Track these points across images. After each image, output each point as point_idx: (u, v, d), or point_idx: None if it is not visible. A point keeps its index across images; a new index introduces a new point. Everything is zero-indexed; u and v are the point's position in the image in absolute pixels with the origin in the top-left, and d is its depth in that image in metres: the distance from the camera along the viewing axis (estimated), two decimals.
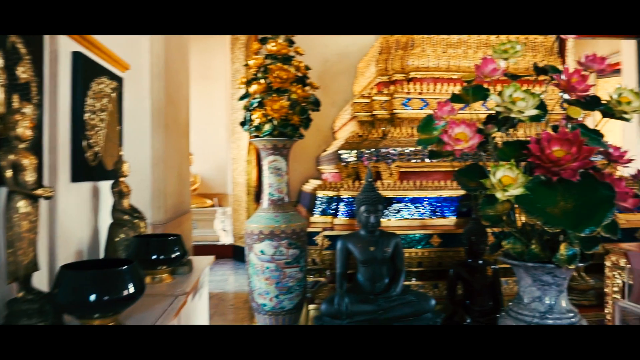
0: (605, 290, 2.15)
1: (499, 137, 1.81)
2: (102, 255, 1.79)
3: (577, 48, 6.41)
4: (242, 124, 3.32)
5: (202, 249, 5.50)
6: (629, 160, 1.72)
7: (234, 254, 6.64)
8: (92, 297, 1.07)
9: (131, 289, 1.11)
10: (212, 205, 8.03)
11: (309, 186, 5.08)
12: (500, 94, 1.65)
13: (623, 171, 2.13)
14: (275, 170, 3.18)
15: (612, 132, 5.98)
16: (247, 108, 3.19)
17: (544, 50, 4.65)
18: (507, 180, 1.53)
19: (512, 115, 1.61)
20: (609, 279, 2.13)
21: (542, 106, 1.68)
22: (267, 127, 3.07)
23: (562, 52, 5.98)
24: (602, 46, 7.02)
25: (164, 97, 3.71)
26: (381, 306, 2.74)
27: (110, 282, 1.08)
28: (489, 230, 3.21)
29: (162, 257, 1.56)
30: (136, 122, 3.32)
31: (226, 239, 7.53)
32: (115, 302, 1.08)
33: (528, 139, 1.65)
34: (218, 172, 8.80)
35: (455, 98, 1.92)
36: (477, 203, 3.37)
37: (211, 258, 2.01)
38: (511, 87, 1.64)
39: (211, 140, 8.51)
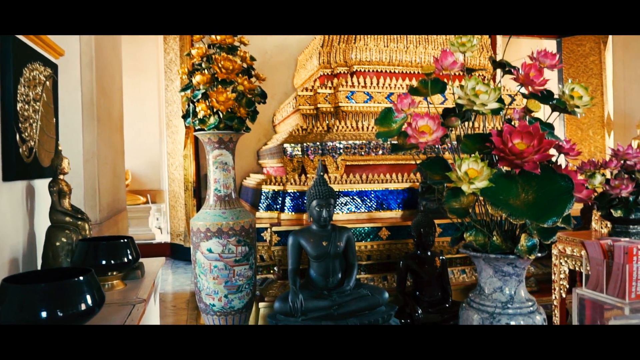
0: (552, 277, 2.25)
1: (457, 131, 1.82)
2: (39, 263, 1.61)
3: (503, 47, 6.73)
4: (185, 116, 3.15)
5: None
6: (579, 153, 1.79)
7: (171, 252, 6.37)
8: (44, 314, 0.93)
9: (89, 301, 0.98)
10: (146, 202, 7.67)
11: (251, 181, 4.96)
12: (462, 87, 1.65)
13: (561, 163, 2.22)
14: (221, 165, 3.06)
15: None
16: (191, 100, 3.03)
17: (479, 46, 4.82)
18: (472, 173, 1.54)
19: (475, 108, 1.62)
20: (555, 266, 2.23)
21: (500, 100, 1.70)
22: (212, 120, 2.93)
23: (494, 50, 6.26)
24: (524, 45, 7.41)
25: (96, 88, 3.45)
26: (336, 301, 2.71)
27: (65, 296, 0.94)
28: (437, 222, 3.29)
29: (112, 262, 1.42)
30: (66, 115, 3.05)
31: (162, 237, 7.23)
32: (71, 318, 0.94)
33: (488, 132, 1.67)
34: (151, 168, 8.41)
35: (413, 91, 1.90)
36: (424, 196, 3.44)
37: (162, 260, 1.87)
38: (472, 80, 1.65)
39: (143, 135, 8.12)
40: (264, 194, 3.87)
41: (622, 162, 2.03)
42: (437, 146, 1.84)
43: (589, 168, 2.01)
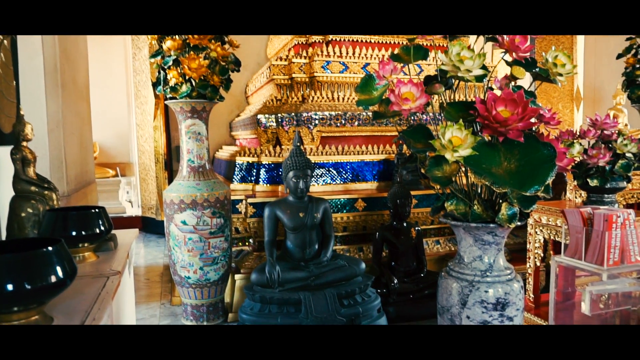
0: (527, 246, 2.28)
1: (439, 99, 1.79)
2: (4, 235, 1.52)
3: None
4: (155, 84, 3.02)
5: None
6: (559, 122, 1.79)
7: (143, 225, 6.25)
8: (10, 287, 0.86)
9: (60, 273, 0.91)
10: (115, 175, 7.46)
11: (224, 153, 4.86)
12: (446, 52, 1.61)
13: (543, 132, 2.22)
14: (194, 135, 2.97)
15: None
16: (161, 67, 2.90)
17: None
18: (456, 140, 1.51)
19: (460, 74, 1.58)
20: (531, 235, 2.26)
21: (484, 67, 1.67)
22: (184, 88, 2.82)
23: None
24: None
25: (59, 52, 3.27)
26: (313, 272, 2.70)
27: (33, 267, 0.87)
28: (413, 193, 3.29)
29: (83, 233, 1.35)
30: (27, 81, 2.88)
31: (133, 211, 7.07)
32: (41, 291, 0.87)
33: (472, 99, 1.64)
34: (119, 140, 8.16)
35: (395, 57, 1.85)
36: (401, 168, 3.43)
37: (135, 231, 1.80)
38: (457, 45, 1.61)
39: (110, 105, 7.84)
40: (238, 165, 3.79)
41: (599, 132, 2.05)
42: (418, 115, 1.81)
43: (568, 138, 2.02)
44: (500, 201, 1.66)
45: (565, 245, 1.62)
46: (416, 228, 3.21)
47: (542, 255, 2.23)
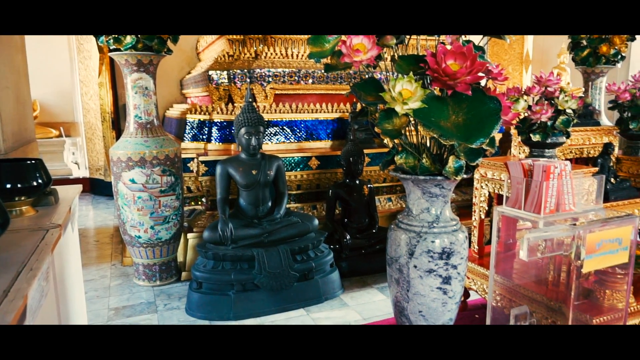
0: (473, 200, 2.36)
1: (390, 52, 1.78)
2: None
3: None
4: (97, 34, 2.86)
5: (53, 185, 4.85)
6: (506, 78, 1.82)
7: (91, 187, 6.04)
8: None
9: None
10: (59, 136, 7.11)
11: (174, 111, 4.71)
12: None
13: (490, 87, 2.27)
14: (141, 90, 2.85)
15: None
16: None
17: None
18: (406, 93, 1.52)
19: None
20: (477, 190, 2.34)
21: None
22: (128, 39, 2.69)
23: None
24: None
25: None
26: (266, 229, 2.70)
27: None
28: (366, 151, 3.32)
29: (19, 185, 1.28)
30: None
31: (80, 172, 6.80)
32: None
33: (422, 53, 1.65)
34: (62, 98, 7.72)
35: None
36: (352, 122, 3.43)
37: (78, 187, 1.73)
38: None
39: (50, 60, 7.35)
40: (189, 123, 3.69)
41: (543, 88, 2.12)
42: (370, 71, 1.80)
43: (513, 94, 2.08)
44: (448, 154, 1.70)
45: (507, 198, 1.69)
46: (369, 185, 3.26)
47: (486, 208, 2.32)
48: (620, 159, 2.53)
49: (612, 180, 2.23)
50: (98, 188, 5.95)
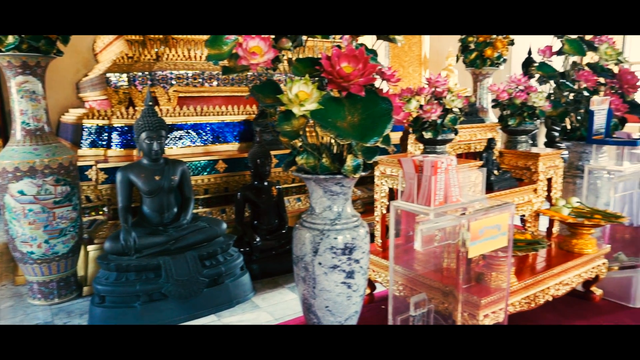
0: (375, 196, 2.48)
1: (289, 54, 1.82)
2: None
3: None
4: None
5: None
6: (398, 80, 1.93)
7: None
8: None
9: None
10: None
11: (70, 116, 4.42)
12: None
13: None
14: (28, 94, 2.65)
15: None
16: None
17: None
18: (303, 95, 1.57)
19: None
20: (377, 186, 2.45)
21: None
22: (10, 38, 2.49)
23: None
24: None
25: None
26: (172, 236, 2.63)
27: None
28: (273, 152, 3.34)
29: None
30: None
31: None
32: None
33: (318, 56, 1.70)
34: None
35: None
36: (260, 129, 3.44)
37: None
38: None
39: None
40: (86, 129, 3.49)
41: (433, 89, 2.27)
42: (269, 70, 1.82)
43: (407, 94, 2.21)
44: (347, 154, 1.77)
45: (401, 192, 1.79)
46: (277, 187, 3.29)
47: (387, 204, 2.44)
48: (502, 152, 2.78)
49: (495, 172, 2.45)
50: None
